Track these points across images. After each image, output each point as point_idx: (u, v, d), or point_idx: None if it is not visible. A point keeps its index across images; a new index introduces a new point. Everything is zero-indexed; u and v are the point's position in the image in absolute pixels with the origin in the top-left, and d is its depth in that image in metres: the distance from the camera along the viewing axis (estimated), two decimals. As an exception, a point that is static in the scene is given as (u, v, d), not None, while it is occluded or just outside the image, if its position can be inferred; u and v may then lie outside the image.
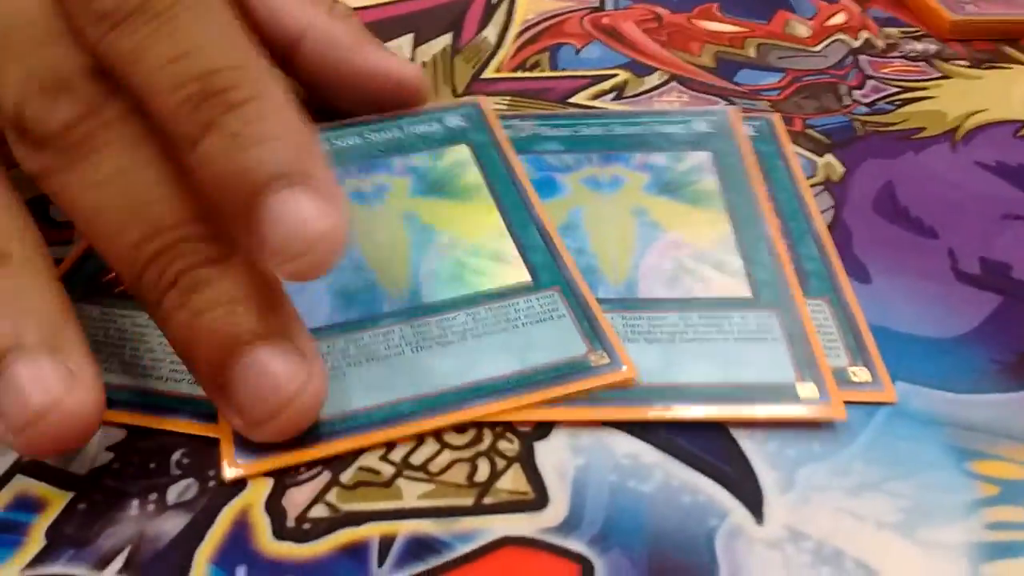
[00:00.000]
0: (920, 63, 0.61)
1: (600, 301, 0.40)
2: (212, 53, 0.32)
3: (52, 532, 0.32)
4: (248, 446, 0.34)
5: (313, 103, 0.51)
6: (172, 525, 0.32)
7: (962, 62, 0.61)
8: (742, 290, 0.41)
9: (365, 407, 0.36)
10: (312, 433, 0.35)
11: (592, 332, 0.38)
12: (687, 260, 0.42)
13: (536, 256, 0.42)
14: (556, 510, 0.33)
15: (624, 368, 0.36)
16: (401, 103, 0.52)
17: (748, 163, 0.48)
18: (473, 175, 0.47)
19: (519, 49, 0.62)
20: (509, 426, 0.36)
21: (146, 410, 0.36)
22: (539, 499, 0.33)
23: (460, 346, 0.38)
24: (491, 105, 0.52)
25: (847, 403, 0.36)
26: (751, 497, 0.33)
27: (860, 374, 0.37)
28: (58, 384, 0.30)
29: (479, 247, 0.43)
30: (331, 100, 0.52)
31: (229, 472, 0.34)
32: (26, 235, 0.34)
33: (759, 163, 0.48)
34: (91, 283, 0.42)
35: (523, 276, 0.41)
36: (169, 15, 0.32)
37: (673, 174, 0.47)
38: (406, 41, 0.63)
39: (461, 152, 0.49)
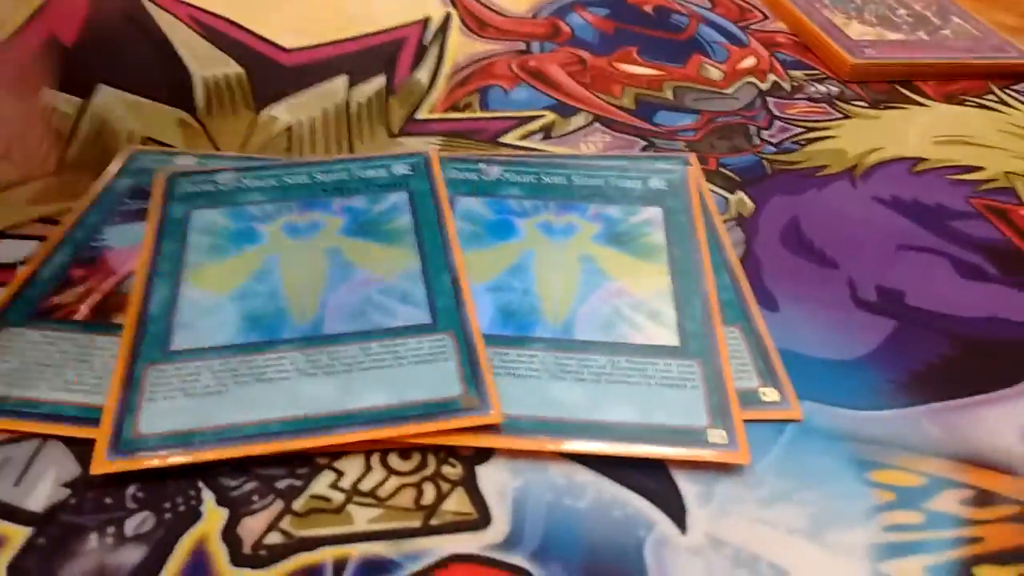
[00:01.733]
0: (823, 104, 0.66)
1: (535, 341, 0.43)
2: None
3: (13, 569, 0.33)
4: (119, 450, 0.37)
5: None
6: (131, 557, 0.34)
7: (861, 103, 0.66)
8: (671, 339, 0.44)
9: (236, 423, 0.38)
10: (182, 442, 0.37)
11: (471, 376, 0.41)
12: (624, 308, 0.45)
13: (441, 300, 0.45)
14: (498, 528, 0.35)
15: (491, 412, 0.39)
16: None
17: (696, 221, 0.51)
18: (404, 220, 0.50)
19: (451, 90, 0.65)
20: (452, 451, 0.38)
21: (26, 416, 0.38)
22: (482, 518, 0.36)
23: (344, 376, 0.41)
24: (437, 156, 0.55)
25: (758, 421, 0.40)
26: (675, 509, 0.36)
27: (770, 394, 0.41)
28: None
29: (390, 287, 0.46)
30: None
31: (98, 468, 0.36)
32: None
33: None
34: (32, 309, 0.44)
35: (424, 318, 0.44)
36: None
37: (624, 226, 0.51)
38: (340, 82, 0.65)
39: (399, 198, 0.51)
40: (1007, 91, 0.69)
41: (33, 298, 0.45)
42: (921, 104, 0.67)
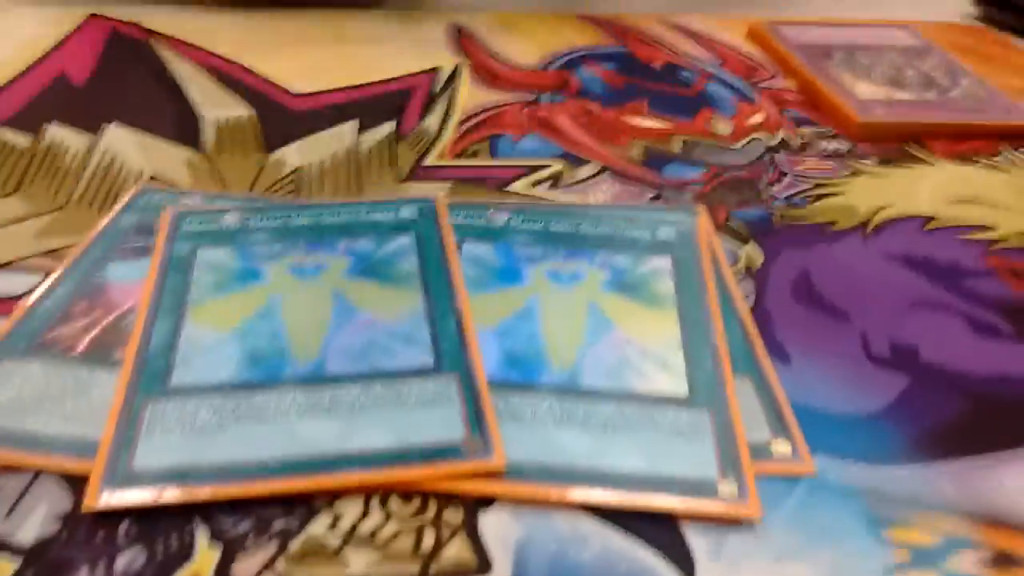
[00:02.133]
0: (832, 161, 0.66)
1: (541, 387, 0.42)
2: None
3: (-4, 604, 0.32)
4: (113, 485, 0.36)
5: None
6: (119, 595, 0.33)
7: (870, 161, 0.66)
8: (680, 388, 0.43)
9: (234, 461, 0.37)
10: (178, 478, 0.36)
11: (475, 420, 0.40)
12: (632, 356, 0.45)
13: (446, 343, 0.44)
14: (499, 578, 0.34)
15: (494, 457, 0.38)
16: None
17: (706, 271, 0.50)
18: (410, 263, 0.50)
19: (460, 138, 0.65)
20: (453, 497, 0.37)
21: (21, 448, 0.38)
22: (482, 567, 0.34)
23: (345, 417, 0.40)
24: (444, 201, 0.55)
25: (769, 475, 0.39)
26: (684, 563, 0.35)
27: (781, 447, 0.40)
28: None
29: (394, 330, 0.45)
30: None
31: (91, 503, 0.35)
32: None
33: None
34: (33, 341, 0.43)
35: (428, 360, 0.43)
36: None
37: (632, 275, 0.50)
38: (350, 127, 0.65)
39: (405, 241, 0.51)
40: (1018, 151, 0.69)
41: (34, 331, 0.44)
42: (929, 163, 0.67)
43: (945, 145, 0.69)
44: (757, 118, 0.72)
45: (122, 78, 0.69)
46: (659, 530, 0.36)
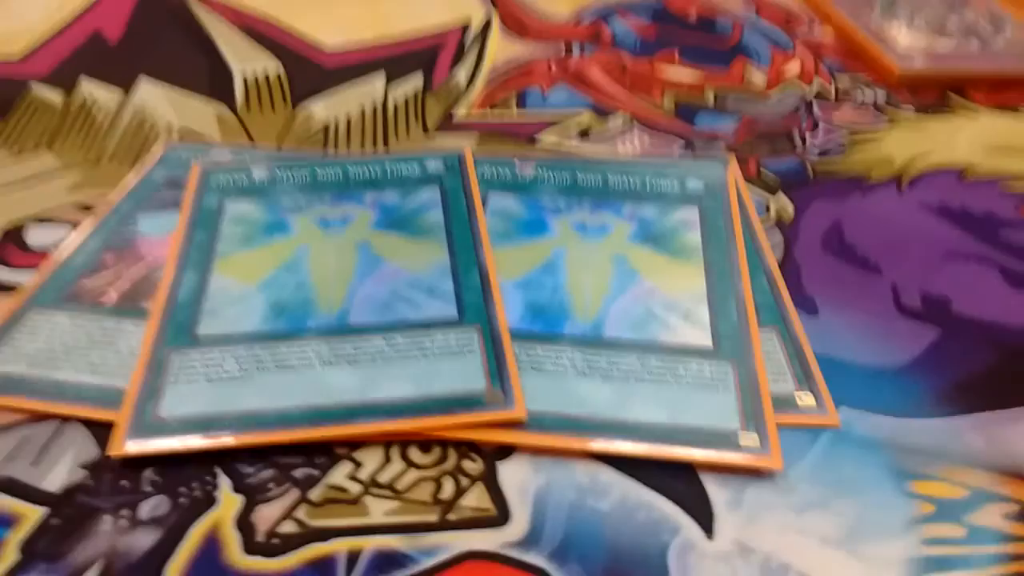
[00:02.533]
0: (869, 109, 0.64)
1: (564, 338, 0.42)
2: None
3: (26, 547, 0.33)
4: (139, 433, 0.36)
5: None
6: (144, 540, 0.33)
7: (909, 108, 0.64)
8: (704, 340, 0.42)
9: (257, 410, 0.38)
10: (201, 427, 0.37)
11: (496, 371, 0.40)
12: (657, 307, 0.44)
13: (470, 295, 0.44)
14: (517, 526, 0.34)
15: (514, 408, 0.38)
16: None
17: (734, 223, 0.50)
18: (435, 216, 0.49)
19: (489, 91, 0.64)
20: (473, 446, 0.37)
21: (48, 397, 0.38)
22: (501, 516, 0.35)
23: (368, 367, 0.40)
24: (471, 153, 0.54)
25: (793, 427, 0.38)
26: (702, 514, 0.35)
27: (806, 399, 0.39)
28: None
29: (418, 281, 0.45)
30: None
31: (116, 451, 0.36)
32: None
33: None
34: (63, 292, 0.44)
35: (451, 312, 0.43)
36: None
37: (659, 227, 0.50)
38: (378, 81, 0.65)
39: (431, 194, 0.51)
40: (1063, 101, 0.67)
41: (65, 282, 0.45)
42: (970, 112, 0.65)
43: (986, 94, 0.67)
44: (793, 67, 0.70)
45: (155, 35, 0.70)
46: (679, 481, 0.36)
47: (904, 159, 0.58)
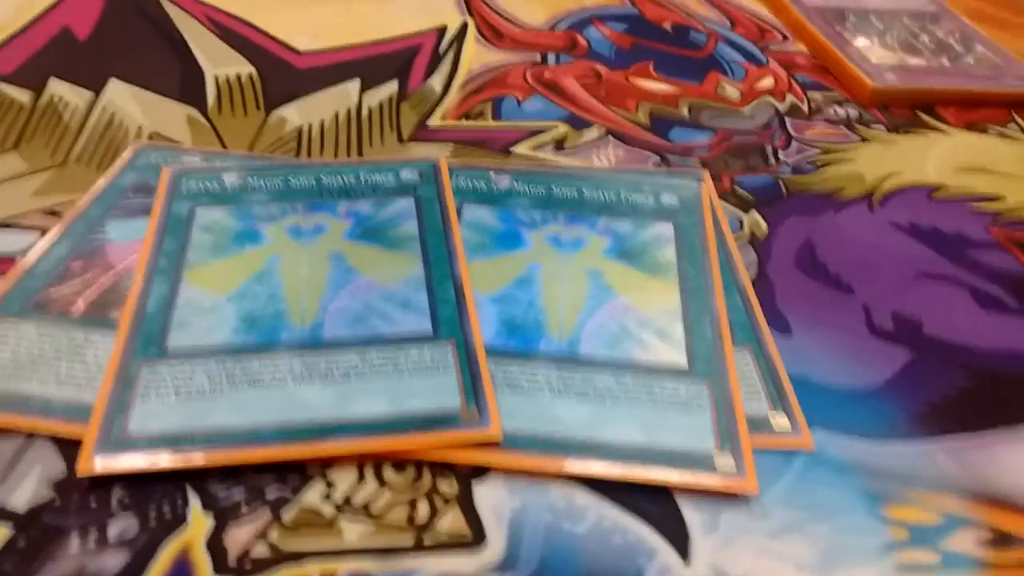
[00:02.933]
0: (841, 127, 0.65)
1: (539, 355, 0.42)
2: None
3: (-11, 568, 0.32)
4: (108, 449, 0.36)
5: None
6: (113, 562, 0.33)
7: (880, 127, 0.65)
8: (679, 359, 0.42)
9: (228, 427, 0.37)
10: (171, 444, 0.36)
11: (472, 388, 0.39)
12: (632, 325, 0.44)
13: (444, 309, 0.44)
14: (493, 550, 0.34)
15: (490, 427, 0.38)
16: None
17: (708, 239, 0.50)
18: (410, 227, 0.49)
19: (464, 99, 0.64)
20: (449, 466, 0.37)
21: (14, 411, 0.37)
22: (477, 539, 0.34)
23: (342, 384, 0.39)
24: (446, 163, 0.54)
25: (767, 449, 0.38)
26: (678, 538, 0.35)
27: (780, 421, 0.40)
28: None
29: (392, 294, 0.45)
30: None
31: (84, 468, 0.35)
32: None
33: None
34: (29, 301, 0.43)
35: (425, 326, 0.43)
36: None
37: (634, 241, 0.50)
38: (353, 86, 0.64)
39: (406, 204, 0.50)
40: (1030, 122, 0.68)
41: (31, 290, 0.44)
42: (941, 131, 0.65)
43: (957, 113, 0.68)
44: (766, 82, 0.70)
45: (125, 33, 0.68)
46: (655, 503, 0.36)
47: (875, 177, 0.59)
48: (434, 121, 0.61)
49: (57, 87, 0.61)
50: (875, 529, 0.36)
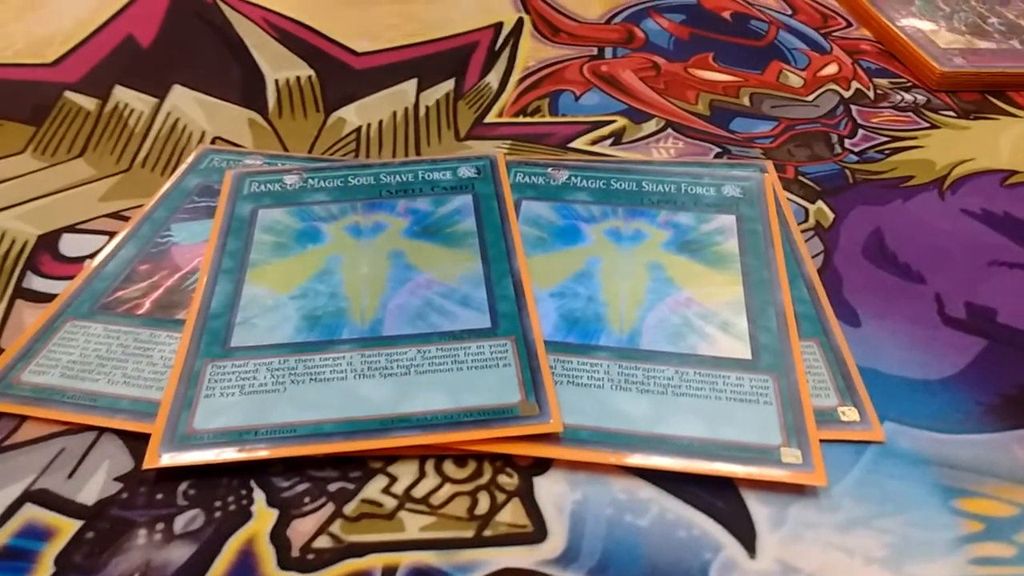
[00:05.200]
0: (909, 113, 0.63)
1: (600, 349, 0.41)
2: None
3: (61, 560, 0.33)
4: (173, 445, 0.36)
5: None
6: (179, 554, 0.33)
7: (950, 113, 0.63)
8: (743, 352, 0.42)
9: (291, 422, 0.37)
10: (236, 439, 0.37)
11: (531, 383, 0.39)
12: (694, 318, 0.43)
13: (503, 305, 0.43)
14: (555, 543, 0.34)
15: (550, 420, 0.37)
16: None
17: (772, 230, 0.49)
18: (468, 224, 0.49)
19: (520, 95, 0.64)
20: (509, 460, 0.37)
21: (83, 409, 0.38)
22: (538, 532, 0.34)
23: (402, 379, 0.39)
24: (504, 159, 0.54)
25: (835, 442, 0.37)
26: (744, 532, 0.34)
27: (849, 414, 0.39)
28: None
29: (451, 291, 0.44)
30: None
31: (151, 463, 0.36)
32: None
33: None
34: (97, 302, 0.44)
35: (484, 322, 0.43)
36: None
37: (695, 234, 0.49)
38: (410, 86, 0.65)
39: (464, 201, 0.51)
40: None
41: (99, 292, 0.45)
42: (1013, 115, 0.63)
43: (1031, 95, 0.66)
44: (831, 69, 0.69)
45: (187, 39, 0.70)
46: (719, 497, 0.35)
47: (946, 163, 0.57)
48: (491, 118, 0.61)
49: (122, 94, 0.62)
50: (948, 523, 0.35)
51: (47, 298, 0.45)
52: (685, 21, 0.75)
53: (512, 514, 0.35)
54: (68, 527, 0.34)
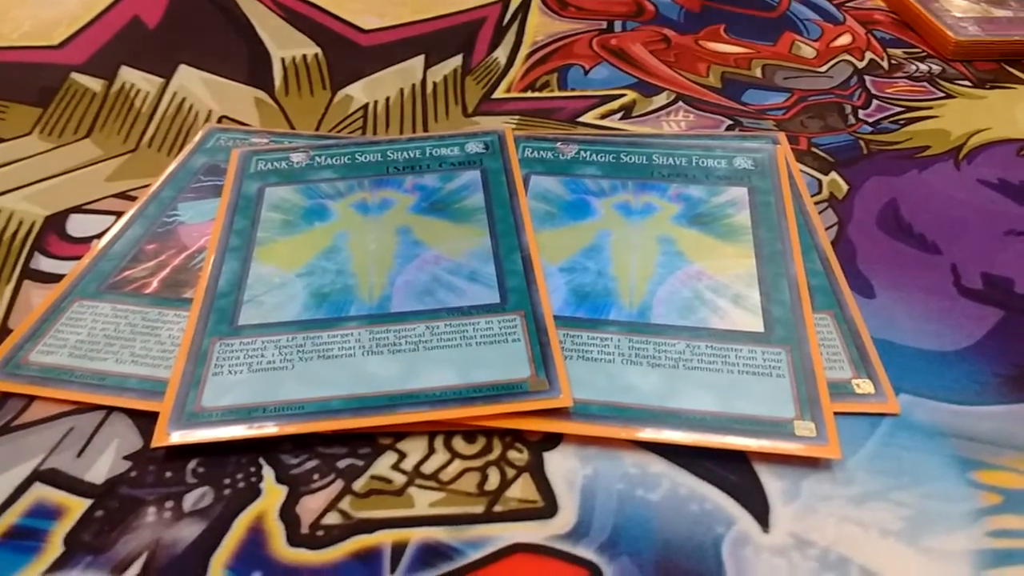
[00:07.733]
0: (924, 83, 0.62)
1: (610, 324, 0.41)
2: None
3: (70, 539, 0.33)
4: (182, 423, 0.36)
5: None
6: (188, 532, 0.33)
7: (965, 82, 0.62)
8: (755, 324, 0.41)
9: (299, 399, 0.37)
10: (244, 416, 0.36)
11: (541, 358, 0.39)
12: (705, 291, 0.43)
13: (512, 280, 0.43)
14: (565, 518, 0.33)
15: (560, 395, 0.37)
16: None
17: (785, 202, 0.48)
18: (476, 199, 0.48)
19: (529, 69, 0.63)
20: (519, 436, 0.36)
21: (91, 388, 0.38)
22: (548, 507, 0.34)
23: (410, 355, 0.39)
24: (512, 134, 0.53)
25: (850, 414, 0.37)
26: (757, 506, 0.34)
27: (864, 386, 0.38)
28: None
29: (459, 266, 0.44)
30: None
31: (159, 441, 0.35)
32: None
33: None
34: (105, 282, 0.44)
35: (493, 297, 0.42)
36: None
37: (707, 207, 0.48)
38: (417, 62, 0.64)
39: (472, 176, 0.50)
40: None
41: (106, 272, 0.44)
42: (1032, 84, 0.62)
43: (1049, 63, 0.65)
44: (844, 39, 0.68)
45: (193, 19, 0.69)
46: (732, 471, 0.35)
47: (962, 133, 0.56)
48: (499, 93, 0.61)
49: (128, 75, 0.62)
50: (964, 495, 0.34)
51: (55, 278, 0.44)
52: (695, -7, 0.74)
53: (522, 489, 0.34)
54: (78, 506, 0.34)
